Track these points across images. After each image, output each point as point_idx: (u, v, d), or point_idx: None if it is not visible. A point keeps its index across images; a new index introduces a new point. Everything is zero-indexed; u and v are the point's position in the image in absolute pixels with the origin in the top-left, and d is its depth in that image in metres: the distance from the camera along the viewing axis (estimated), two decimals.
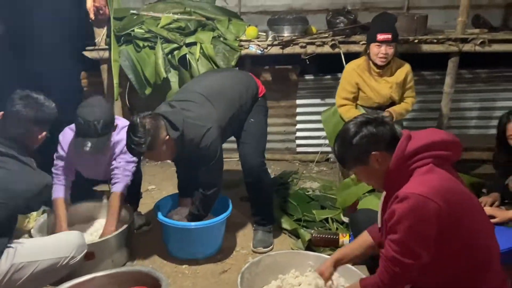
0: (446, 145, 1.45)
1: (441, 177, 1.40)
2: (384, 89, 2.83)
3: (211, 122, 2.18)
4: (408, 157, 1.42)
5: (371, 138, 1.45)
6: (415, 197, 1.35)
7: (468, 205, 1.43)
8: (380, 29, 2.67)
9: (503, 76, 3.59)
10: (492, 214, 2.16)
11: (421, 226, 1.35)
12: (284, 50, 3.26)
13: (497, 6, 3.41)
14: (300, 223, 2.72)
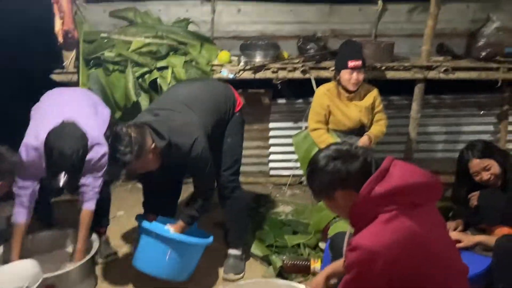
0: (420, 189, 1.38)
1: (402, 227, 1.33)
2: (353, 113, 2.89)
3: (197, 131, 2.16)
4: (372, 200, 1.35)
5: (337, 175, 1.40)
6: (363, 249, 1.31)
7: (426, 260, 1.36)
8: (350, 56, 2.75)
9: (467, 102, 3.72)
10: (459, 239, 2.20)
11: (365, 279, 1.34)
12: (256, 75, 3.29)
13: (459, 35, 3.56)
14: (272, 249, 2.70)
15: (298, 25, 3.60)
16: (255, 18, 3.60)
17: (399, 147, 3.64)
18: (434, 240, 1.40)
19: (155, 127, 2.07)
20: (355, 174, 1.40)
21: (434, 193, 1.43)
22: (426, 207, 1.40)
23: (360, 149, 1.46)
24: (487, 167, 2.26)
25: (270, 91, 3.72)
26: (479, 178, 2.29)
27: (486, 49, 3.26)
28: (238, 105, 2.52)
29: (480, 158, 2.26)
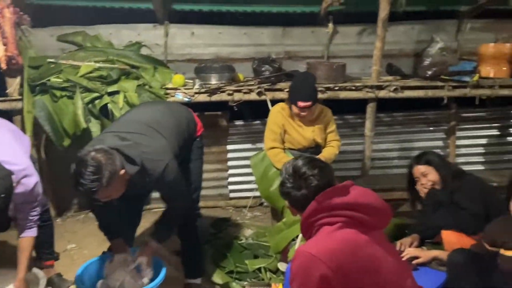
0: (372, 211, 1.43)
1: (345, 238, 1.37)
2: (307, 133, 2.92)
3: (168, 156, 2.06)
4: (323, 210, 1.41)
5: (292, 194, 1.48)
6: (306, 256, 1.34)
7: (367, 273, 1.38)
8: (300, 98, 2.76)
9: (417, 119, 3.87)
10: (416, 255, 2.23)
11: (308, 285, 1.33)
12: (211, 98, 3.26)
13: (406, 55, 3.73)
14: (232, 276, 2.63)
15: (253, 47, 3.64)
16: (209, 41, 3.60)
17: (355, 164, 3.71)
18: (382, 261, 1.42)
19: (126, 153, 1.94)
20: (303, 199, 1.46)
21: (384, 220, 1.49)
22: (375, 233, 1.45)
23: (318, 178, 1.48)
24: (425, 173, 2.41)
25: (227, 113, 3.71)
26: (419, 184, 2.44)
27: (431, 68, 3.41)
28: (199, 130, 2.47)
29: (420, 164, 2.43)
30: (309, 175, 1.46)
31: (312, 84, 2.82)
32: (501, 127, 3.92)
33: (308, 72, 2.98)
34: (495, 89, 3.31)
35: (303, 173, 1.47)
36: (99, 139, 2.05)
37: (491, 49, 3.29)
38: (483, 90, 3.33)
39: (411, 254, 2.22)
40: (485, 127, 3.90)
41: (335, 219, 1.40)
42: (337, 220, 1.39)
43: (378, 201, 1.47)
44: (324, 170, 1.49)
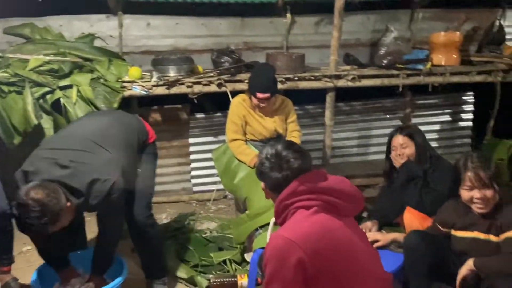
0: (346, 197, 1.46)
1: (320, 222, 1.39)
2: (269, 123, 2.93)
3: (113, 173, 1.93)
4: (299, 194, 1.42)
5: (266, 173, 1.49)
6: (281, 239, 1.35)
7: (342, 257, 1.40)
8: (259, 89, 2.76)
9: (375, 107, 3.97)
10: (375, 239, 2.29)
11: (283, 269, 1.34)
12: (170, 90, 3.19)
13: (363, 45, 3.80)
14: (197, 269, 2.61)
15: (211, 38, 3.59)
16: (166, 32, 3.51)
17: (316, 154, 3.76)
18: (357, 248, 1.45)
19: (68, 184, 1.83)
20: (274, 183, 1.47)
21: (357, 207, 1.52)
22: (348, 219, 1.48)
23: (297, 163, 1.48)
24: (404, 145, 2.47)
25: (187, 106, 3.65)
26: (394, 153, 2.50)
27: (386, 57, 3.50)
28: (150, 138, 2.39)
29: (402, 135, 2.49)
30: (291, 157, 1.46)
31: (271, 75, 2.82)
32: (453, 113, 4.10)
33: (267, 64, 2.98)
34: (447, 76, 3.44)
35: (285, 155, 1.47)
36: (34, 168, 1.87)
37: (442, 37, 3.41)
38: (436, 78, 3.46)
39: (371, 238, 2.28)
40: (438, 113, 4.06)
41: (311, 202, 1.41)
42: (314, 203, 1.41)
43: (352, 188, 1.51)
44: (304, 155, 1.50)
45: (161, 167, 3.55)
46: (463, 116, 4.13)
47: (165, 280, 2.43)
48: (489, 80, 3.56)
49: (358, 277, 1.42)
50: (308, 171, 1.47)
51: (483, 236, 1.97)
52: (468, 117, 4.12)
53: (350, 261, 1.41)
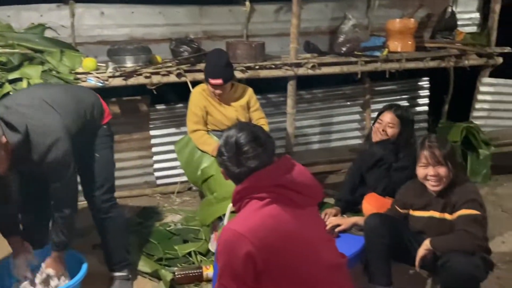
0: (301, 187, 1.45)
1: (271, 215, 1.38)
2: (230, 112, 2.91)
3: (59, 132, 1.87)
4: (249, 187, 1.41)
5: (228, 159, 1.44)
6: (231, 232, 1.35)
7: (292, 248, 1.39)
8: (210, 75, 2.73)
9: (335, 95, 4.02)
10: (337, 223, 2.34)
11: (233, 262, 1.34)
12: (127, 82, 3.10)
13: (322, 33, 3.83)
14: (161, 263, 2.57)
15: (169, 27, 3.50)
16: (121, 21, 3.39)
17: (279, 142, 3.77)
18: (307, 236, 1.45)
19: (6, 119, 1.76)
20: (234, 174, 1.44)
21: (316, 197, 1.53)
22: (307, 210, 1.48)
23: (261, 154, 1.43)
24: (390, 124, 2.46)
25: (147, 98, 3.56)
26: (379, 125, 2.50)
27: (345, 45, 3.54)
28: (106, 117, 2.30)
29: (393, 114, 2.46)
30: (251, 153, 1.40)
31: (223, 61, 2.78)
32: (410, 98, 4.22)
33: (220, 49, 2.93)
34: (403, 62, 3.53)
35: (247, 150, 1.40)
36: None
37: (397, 24, 3.49)
38: (392, 64, 3.54)
39: (333, 223, 2.33)
40: (396, 99, 4.15)
41: (265, 194, 1.40)
42: (268, 196, 1.40)
43: (312, 181, 1.50)
44: (267, 147, 1.43)
45: (122, 161, 3.48)
46: (419, 101, 4.26)
47: (129, 275, 2.39)
48: (443, 65, 3.69)
49: (309, 266, 1.43)
50: (270, 162, 1.43)
51: (438, 215, 2.04)
52: (424, 102, 4.25)
53: (301, 252, 1.41)
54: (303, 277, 1.41)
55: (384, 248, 2.09)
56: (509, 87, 3.93)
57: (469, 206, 1.93)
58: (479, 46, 3.73)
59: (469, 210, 1.92)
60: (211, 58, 2.84)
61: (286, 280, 1.39)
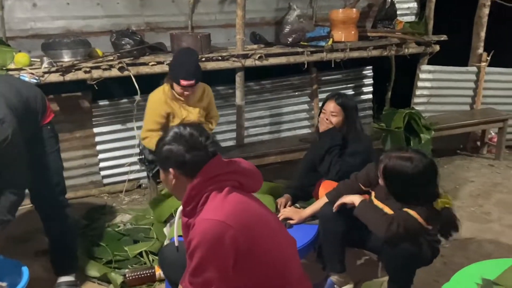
0: (249, 173, 1.50)
1: (238, 200, 1.40)
2: (194, 115, 2.84)
3: (3, 110, 1.77)
4: (209, 178, 1.40)
5: (174, 156, 1.41)
6: (209, 222, 1.32)
7: (263, 227, 1.45)
8: (183, 76, 2.63)
9: (283, 85, 4.04)
10: (290, 216, 2.34)
11: (218, 251, 1.32)
12: (65, 77, 2.93)
13: (268, 23, 3.82)
14: (111, 266, 2.47)
15: (109, 19, 3.34)
16: (56, 13, 3.19)
17: (230, 135, 3.75)
18: (266, 216, 1.51)
19: None
20: (192, 164, 1.41)
21: (258, 184, 1.56)
22: (251, 195, 1.52)
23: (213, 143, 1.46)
24: (334, 113, 2.47)
25: (88, 94, 3.39)
26: (323, 115, 2.51)
27: (291, 35, 3.56)
28: (49, 115, 2.18)
29: (337, 104, 2.46)
30: (208, 142, 1.42)
31: (196, 60, 2.70)
32: (355, 87, 4.33)
33: (189, 48, 2.81)
34: (347, 52, 3.61)
35: (201, 141, 1.42)
36: None
37: (341, 14, 3.55)
38: (337, 54, 3.61)
39: (285, 215, 2.33)
40: (342, 88, 4.25)
41: (224, 183, 1.41)
42: (225, 184, 1.41)
43: (252, 166, 1.54)
44: (215, 140, 1.47)
45: (65, 161, 3.20)
46: (364, 90, 4.38)
47: (76, 281, 2.29)
48: (385, 54, 3.81)
49: (277, 245, 1.47)
50: (217, 154, 1.46)
51: (381, 205, 2.06)
52: (368, 90, 4.38)
53: (269, 232, 1.46)
54: (275, 255, 1.45)
55: (339, 236, 2.13)
56: (446, 74, 4.14)
57: (415, 208, 1.92)
58: (417, 34, 3.88)
59: (411, 210, 1.92)
60: (180, 57, 2.71)
61: (260, 261, 1.41)
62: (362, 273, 2.32)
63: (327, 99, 2.56)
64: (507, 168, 3.91)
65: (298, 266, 1.57)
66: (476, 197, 3.39)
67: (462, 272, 1.77)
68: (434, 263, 2.44)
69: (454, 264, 2.46)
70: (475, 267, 1.80)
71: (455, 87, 4.20)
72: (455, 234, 2.00)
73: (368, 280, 2.36)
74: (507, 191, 3.47)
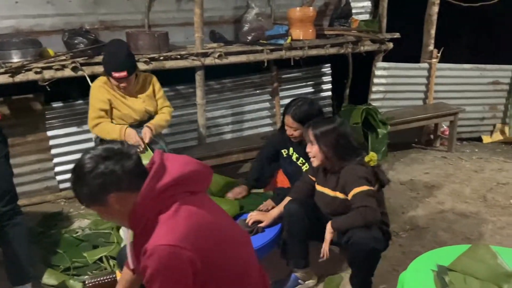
0: (195, 177, 1.41)
1: (189, 216, 1.33)
2: (137, 104, 2.77)
3: None
4: (155, 197, 1.31)
5: (109, 177, 1.28)
6: (163, 249, 1.24)
7: (219, 236, 1.40)
8: (113, 68, 2.57)
9: (245, 84, 4.04)
10: (259, 220, 2.34)
11: (176, 277, 1.26)
12: (15, 78, 2.80)
13: (227, 22, 3.80)
14: (69, 273, 2.38)
15: (61, 17, 3.21)
16: (3, 12, 3.03)
17: (191, 134, 3.71)
18: (219, 219, 1.45)
19: None
20: (130, 173, 1.31)
21: (207, 180, 1.49)
22: (201, 195, 1.44)
23: (132, 147, 1.39)
24: (294, 128, 2.50)
25: (40, 95, 3.25)
26: (286, 126, 2.55)
27: (250, 33, 3.56)
28: None
29: (294, 120, 2.47)
30: (116, 162, 1.29)
31: (125, 52, 2.63)
32: (314, 84, 4.40)
33: (118, 40, 2.75)
34: (306, 50, 3.66)
35: (121, 149, 1.32)
36: None
37: (298, 12, 3.59)
38: (296, 52, 3.65)
39: (255, 219, 2.33)
40: (302, 86, 4.31)
41: (169, 201, 1.32)
42: (172, 200, 1.32)
43: (197, 164, 1.45)
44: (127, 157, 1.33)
45: (17, 167, 3.15)
46: (323, 87, 4.45)
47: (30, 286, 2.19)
48: (342, 52, 3.89)
49: (234, 248, 1.44)
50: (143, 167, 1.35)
51: (332, 193, 2.14)
52: (327, 87, 4.46)
53: (223, 238, 1.42)
54: (233, 261, 1.41)
55: (303, 232, 2.17)
56: (400, 70, 4.28)
57: (359, 183, 2.03)
58: (372, 32, 4.00)
59: (360, 187, 2.02)
60: (110, 50, 2.66)
61: (220, 270, 1.37)
62: (325, 267, 2.36)
63: (285, 111, 2.55)
64: (459, 159, 4.11)
65: (256, 265, 1.55)
66: (431, 188, 3.54)
67: (418, 260, 1.83)
68: (393, 252, 2.55)
69: (412, 253, 2.56)
70: (430, 255, 1.87)
71: (409, 83, 4.36)
72: None
73: (331, 274, 2.40)
74: (459, 181, 3.65)
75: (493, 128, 4.66)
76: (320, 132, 2.10)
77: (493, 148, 4.41)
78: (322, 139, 2.09)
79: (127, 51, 2.64)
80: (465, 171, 3.84)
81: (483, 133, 4.66)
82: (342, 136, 2.11)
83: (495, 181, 3.63)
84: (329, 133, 2.10)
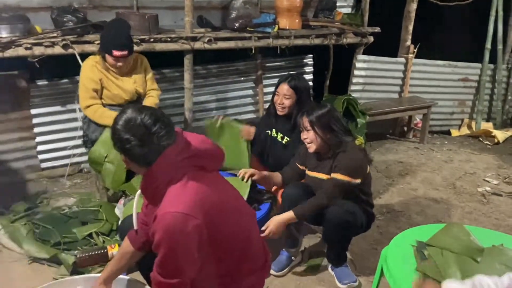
0: (208, 154, 1.49)
1: (197, 188, 1.40)
2: (128, 84, 2.80)
3: None
4: (170, 163, 1.38)
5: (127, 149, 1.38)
6: (171, 216, 1.33)
7: (225, 206, 1.48)
8: (115, 46, 2.58)
9: (230, 70, 4.10)
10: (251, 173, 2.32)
11: (183, 243, 1.35)
12: (4, 54, 2.76)
13: (215, 8, 3.84)
14: (60, 248, 2.41)
15: None
16: None
17: (178, 118, 3.75)
18: (226, 196, 1.54)
19: None
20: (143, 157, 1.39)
21: (219, 160, 1.58)
22: (214, 173, 1.55)
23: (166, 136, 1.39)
24: (287, 96, 2.56)
25: (25, 72, 3.21)
26: (277, 98, 2.61)
27: (238, 20, 3.62)
28: None
29: (290, 87, 2.55)
30: (162, 134, 1.36)
31: (127, 31, 2.67)
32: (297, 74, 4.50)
33: (121, 19, 2.77)
34: (292, 39, 3.76)
35: (155, 131, 1.35)
36: None
37: (285, 2, 3.67)
38: (282, 41, 3.74)
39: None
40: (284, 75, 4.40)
41: (181, 172, 1.40)
42: (184, 172, 1.40)
43: (214, 146, 1.55)
44: (172, 127, 1.41)
45: None
46: (305, 77, 4.56)
47: None
48: (325, 43, 4.01)
49: (240, 219, 1.54)
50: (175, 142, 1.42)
51: (326, 177, 2.23)
52: (309, 77, 4.58)
53: (231, 211, 1.51)
54: (237, 233, 1.50)
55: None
56: (379, 63, 4.45)
57: (345, 172, 2.13)
58: (354, 25, 4.14)
59: (342, 176, 2.13)
60: (113, 28, 2.68)
61: (225, 236, 1.45)
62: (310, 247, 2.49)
63: (280, 81, 2.65)
64: (430, 150, 4.35)
65: (258, 237, 1.65)
66: (405, 175, 3.75)
67: (399, 237, 1.97)
68: (372, 232, 2.71)
69: (389, 234, 2.74)
70: (410, 232, 2.01)
71: (386, 76, 4.55)
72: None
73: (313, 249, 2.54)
74: (430, 170, 3.87)
75: (461, 122, 4.95)
76: (316, 117, 2.18)
77: (461, 141, 4.68)
78: (318, 123, 2.17)
79: (129, 31, 2.67)
80: (436, 161, 4.08)
81: (452, 127, 4.93)
82: (336, 119, 2.22)
83: (463, 170, 3.88)
84: (324, 116, 2.19)
